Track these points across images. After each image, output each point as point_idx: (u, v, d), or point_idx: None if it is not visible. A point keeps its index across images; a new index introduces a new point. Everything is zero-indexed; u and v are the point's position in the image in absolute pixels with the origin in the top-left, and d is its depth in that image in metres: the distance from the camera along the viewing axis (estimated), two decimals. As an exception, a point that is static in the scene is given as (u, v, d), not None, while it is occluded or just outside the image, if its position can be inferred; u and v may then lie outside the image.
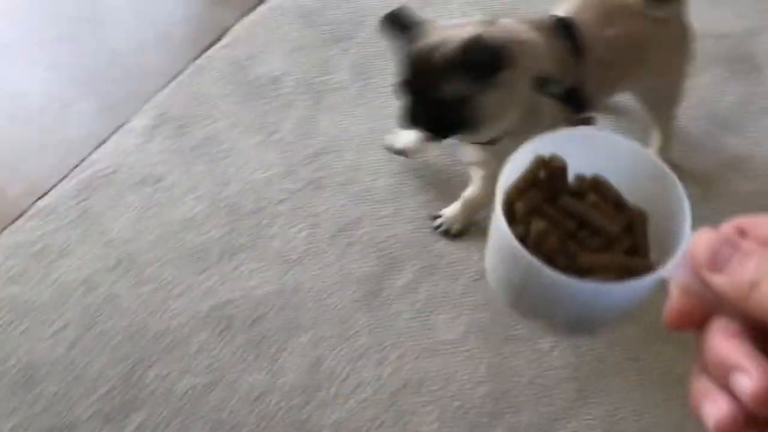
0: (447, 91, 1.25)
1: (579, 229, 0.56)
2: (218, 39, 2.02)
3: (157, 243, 1.67)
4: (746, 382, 0.37)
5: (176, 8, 2.13)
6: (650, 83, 1.58)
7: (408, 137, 1.74)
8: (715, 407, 0.38)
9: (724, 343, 0.39)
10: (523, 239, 0.53)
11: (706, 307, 0.42)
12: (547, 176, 0.57)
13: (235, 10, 2.09)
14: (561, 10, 1.45)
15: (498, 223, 0.53)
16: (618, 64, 1.44)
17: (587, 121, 1.51)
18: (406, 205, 1.73)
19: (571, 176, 0.58)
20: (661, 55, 1.50)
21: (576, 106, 1.40)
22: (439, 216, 1.68)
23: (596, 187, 0.58)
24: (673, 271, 0.45)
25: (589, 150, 0.57)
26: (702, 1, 2.06)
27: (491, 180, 1.53)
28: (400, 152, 1.78)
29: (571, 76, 1.36)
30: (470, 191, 1.62)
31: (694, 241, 0.44)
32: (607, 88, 1.50)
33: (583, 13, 1.41)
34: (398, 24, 1.33)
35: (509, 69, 1.26)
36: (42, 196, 1.73)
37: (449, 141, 1.46)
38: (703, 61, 1.95)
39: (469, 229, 1.67)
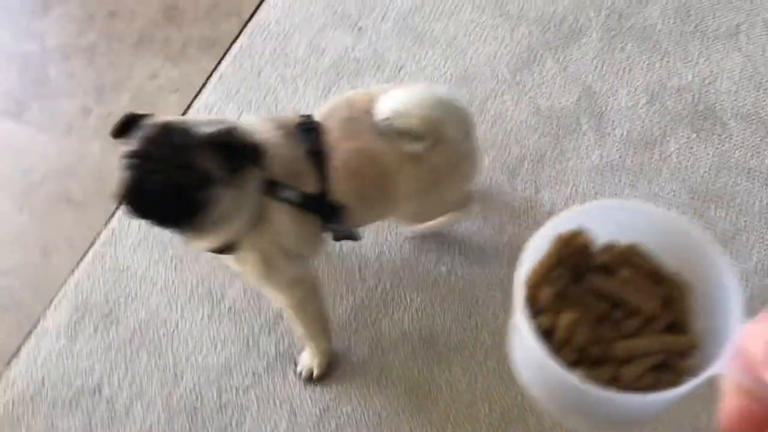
0: (198, 163, 1.09)
1: (612, 309, 0.53)
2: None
3: (110, 476, 1.39)
4: None
5: (61, 156, 1.78)
6: (412, 206, 1.40)
7: None
8: None
9: None
10: (550, 331, 0.51)
11: (766, 409, 0.38)
12: (570, 254, 0.54)
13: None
14: (318, 113, 1.31)
15: (520, 327, 0.49)
16: (365, 178, 1.28)
17: (349, 236, 1.35)
18: (391, 363, 1.51)
19: (600, 244, 0.55)
20: (417, 183, 1.32)
21: (322, 214, 1.26)
22: (297, 363, 1.50)
23: (629, 257, 0.55)
24: (724, 367, 0.42)
25: (623, 219, 0.55)
26: (650, 53, 1.94)
27: (297, 310, 1.37)
28: None
29: (313, 183, 1.23)
30: (298, 330, 1.44)
31: (746, 333, 0.39)
32: (364, 202, 1.32)
33: (330, 118, 1.28)
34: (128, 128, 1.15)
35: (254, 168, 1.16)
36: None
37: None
38: (667, 124, 1.82)
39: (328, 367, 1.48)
